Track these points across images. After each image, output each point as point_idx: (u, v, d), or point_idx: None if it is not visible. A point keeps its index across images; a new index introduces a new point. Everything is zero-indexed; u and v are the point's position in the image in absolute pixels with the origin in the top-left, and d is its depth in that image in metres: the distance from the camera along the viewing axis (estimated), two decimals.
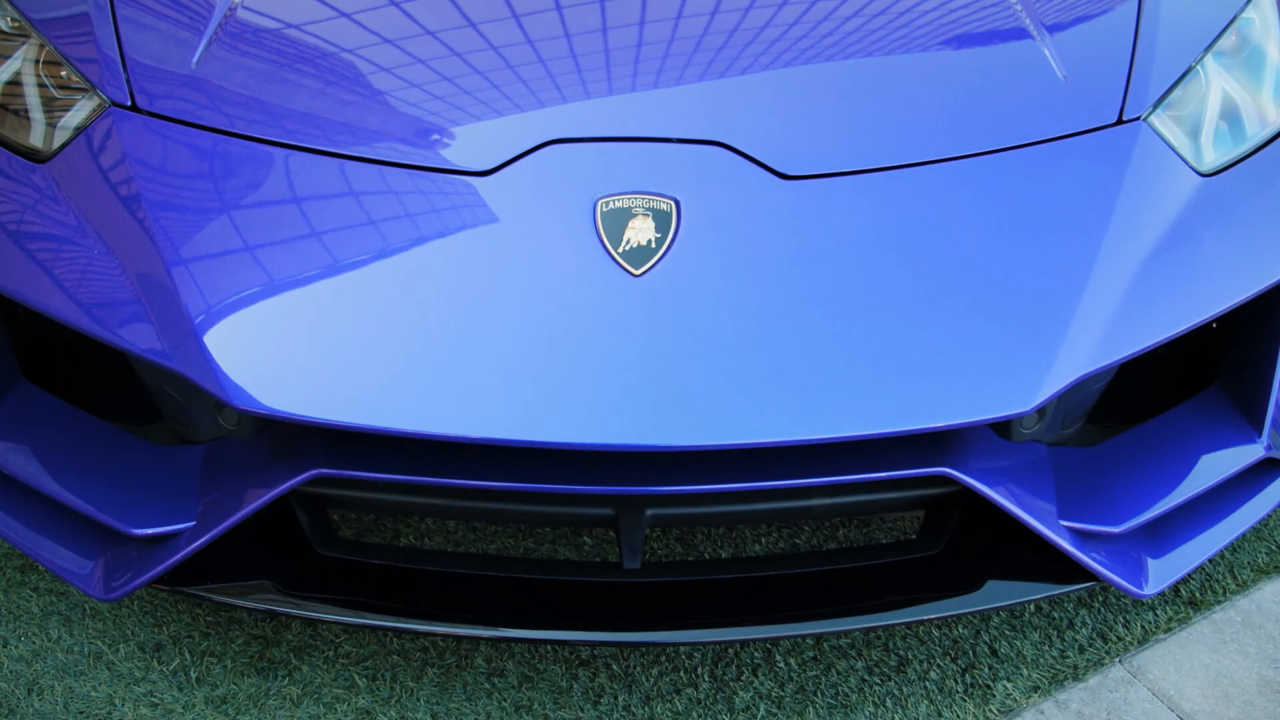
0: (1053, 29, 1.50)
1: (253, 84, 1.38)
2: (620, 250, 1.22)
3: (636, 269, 1.21)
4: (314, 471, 1.24)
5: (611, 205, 1.25)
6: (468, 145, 1.31)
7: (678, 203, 1.26)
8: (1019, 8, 1.52)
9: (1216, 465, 1.47)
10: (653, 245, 1.23)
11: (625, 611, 1.33)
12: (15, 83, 1.46)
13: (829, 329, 1.20)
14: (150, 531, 1.32)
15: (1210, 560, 1.64)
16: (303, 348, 1.19)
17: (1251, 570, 1.69)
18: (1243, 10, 1.60)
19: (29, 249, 1.33)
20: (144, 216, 1.27)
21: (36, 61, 1.46)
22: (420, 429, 1.14)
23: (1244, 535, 1.70)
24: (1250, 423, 1.50)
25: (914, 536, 1.56)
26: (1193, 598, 1.64)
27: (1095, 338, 1.24)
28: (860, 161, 1.31)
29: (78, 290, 1.28)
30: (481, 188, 1.27)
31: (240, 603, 1.34)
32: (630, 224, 1.24)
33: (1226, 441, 1.49)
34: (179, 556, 1.30)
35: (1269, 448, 1.48)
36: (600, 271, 1.21)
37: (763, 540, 1.68)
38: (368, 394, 1.16)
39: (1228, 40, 1.57)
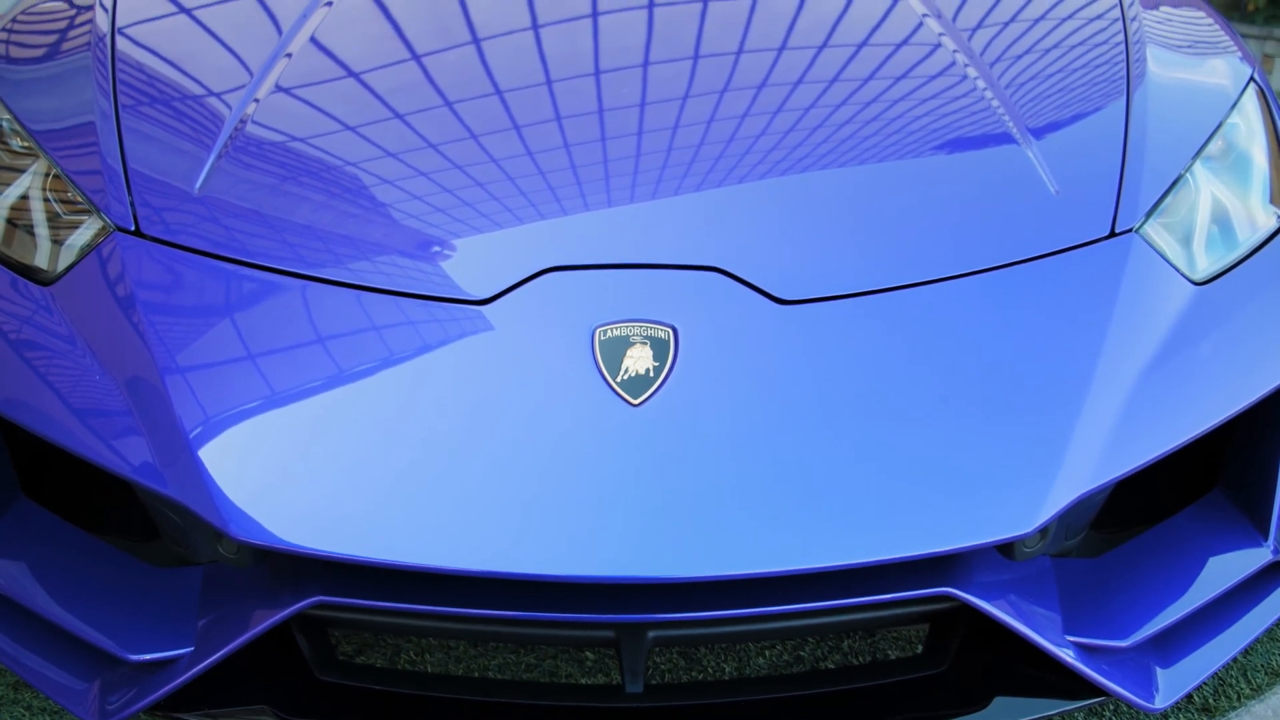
0: (1040, 136, 1.52)
1: (258, 208, 1.39)
2: (619, 380, 1.23)
3: (635, 398, 1.22)
4: (314, 599, 1.23)
5: (609, 334, 1.26)
6: (467, 272, 1.32)
7: (675, 330, 1.27)
8: (1006, 117, 1.54)
9: (1224, 571, 1.45)
10: (651, 374, 1.23)
11: None
12: (24, 198, 1.48)
13: (829, 456, 1.20)
14: (148, 657, 1.31)
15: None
16: (302, 478, 1.19)
17: (1265, 674, 1.66)
18: (1228, 115, 1.62)
19: (29, 372, 1.34)
20: (146, 344, 1.28)
21: (46, 176, 1.48)
22: (423, 562, 1.14)
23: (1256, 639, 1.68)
24: (1256, 526, 1.49)
25: (919, 648, 1.54)
26: (1206, 704, 1.61)
27: (1096, 455, 1.24)
28: (858, 284, 1.32)
29: (78, 419, 1.28)
30: (480, 316, 1.28)
31: None
32: (628, 353, 1.24)
33: (1232, 546, 1.48)
34: (176, 683, 1.28)
35: (1276, 551, 1.47)
36: (599, 402, 1.21)
37: (767, 653, 1.65)
38: (369, 526, 1.16)
39: (1214, 146, 1.59)
